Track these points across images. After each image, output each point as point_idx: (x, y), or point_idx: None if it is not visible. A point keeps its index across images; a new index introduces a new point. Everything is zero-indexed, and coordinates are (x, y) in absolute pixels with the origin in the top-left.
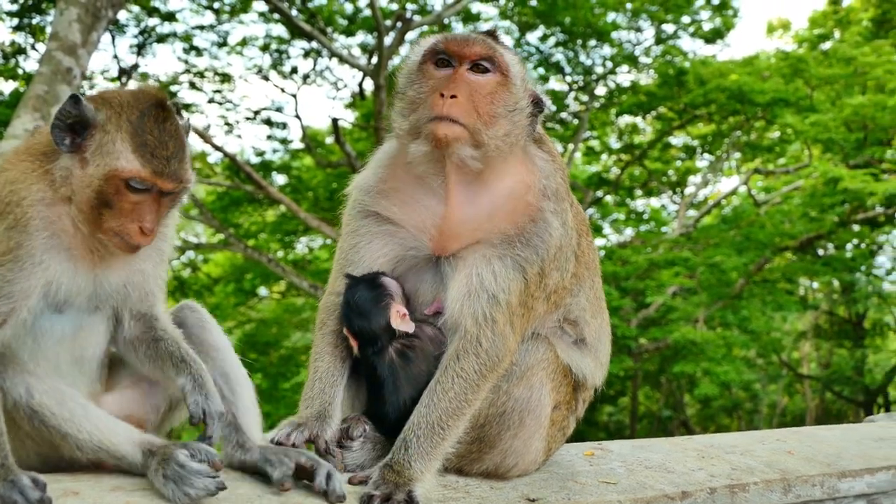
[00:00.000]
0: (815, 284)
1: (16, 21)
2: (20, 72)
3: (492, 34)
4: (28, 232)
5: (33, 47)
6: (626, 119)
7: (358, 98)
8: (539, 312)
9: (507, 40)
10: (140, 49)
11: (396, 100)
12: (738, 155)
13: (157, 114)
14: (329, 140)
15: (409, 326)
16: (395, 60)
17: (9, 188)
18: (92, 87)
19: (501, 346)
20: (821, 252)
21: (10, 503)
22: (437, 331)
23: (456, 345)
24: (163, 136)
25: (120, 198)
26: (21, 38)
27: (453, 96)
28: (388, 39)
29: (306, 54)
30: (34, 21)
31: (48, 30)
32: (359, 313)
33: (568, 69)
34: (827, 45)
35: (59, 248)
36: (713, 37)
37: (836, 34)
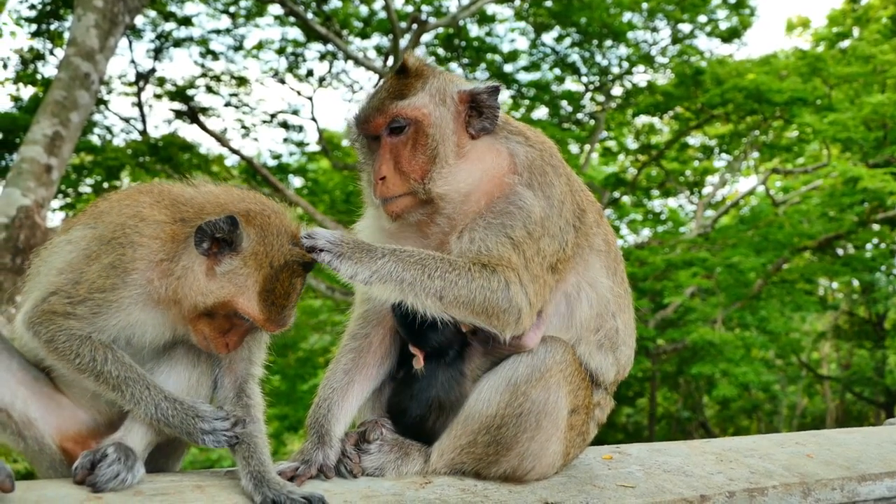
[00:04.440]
0: (835, 284)
1: (34, 27)
2: (39, 77)
3: (403, 68)
4: (125, 281)
5: (52, 53)
6: (642, 119)
7: None
8: (546, 280)
9: (421, 56)
10: (157, 53)
11: (360, 170)
12: (755, 155)
13: (295, 269)
14: (345, 142)
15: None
16: None
17: (136, 223)
18: (110, 92)
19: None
20: (840, 252)
21: None
22: (484, 335)
23: None
24: (289, 290)
25: (224, 317)
26: (39, 44)
27: (382, 178)
28: (404, 41)
29: (322, 57)
30: (52, 27)
31: (66, 35)
32: (431, 327)
33: (584, 70)
34: (846, 44)
35: (147, 301)
36: (730, 36)
37: (856, 32)
